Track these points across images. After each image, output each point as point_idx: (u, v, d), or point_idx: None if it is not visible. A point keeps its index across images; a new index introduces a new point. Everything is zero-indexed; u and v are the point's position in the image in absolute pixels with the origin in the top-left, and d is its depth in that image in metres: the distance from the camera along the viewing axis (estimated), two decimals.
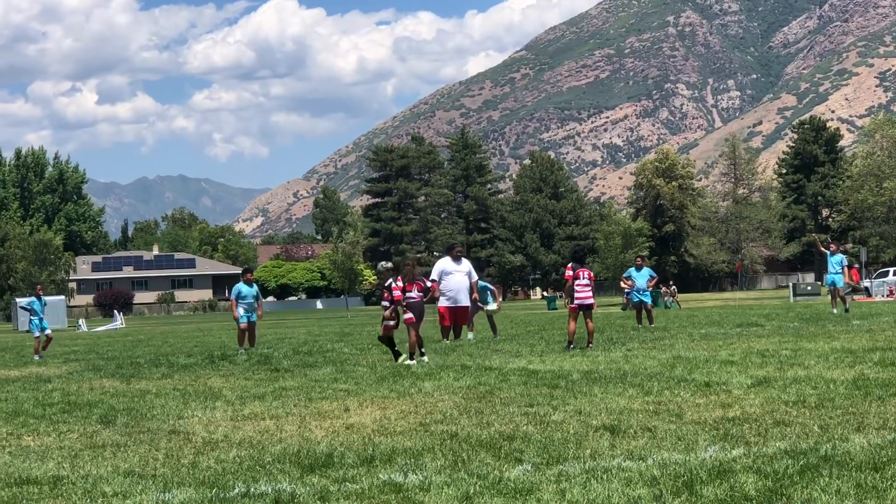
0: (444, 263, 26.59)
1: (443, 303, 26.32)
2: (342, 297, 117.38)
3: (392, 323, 22.21)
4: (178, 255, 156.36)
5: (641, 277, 35.35)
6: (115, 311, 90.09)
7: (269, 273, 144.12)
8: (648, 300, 35.47)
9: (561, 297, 29.91)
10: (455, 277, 26.17)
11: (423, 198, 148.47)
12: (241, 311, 28.06)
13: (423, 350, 21.58)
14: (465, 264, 26.78)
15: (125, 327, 70.17)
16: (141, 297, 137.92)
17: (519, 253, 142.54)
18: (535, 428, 11.71)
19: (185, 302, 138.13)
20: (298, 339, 34.22)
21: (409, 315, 21.71)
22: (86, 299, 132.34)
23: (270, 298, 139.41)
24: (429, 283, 23.08)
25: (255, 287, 28.97)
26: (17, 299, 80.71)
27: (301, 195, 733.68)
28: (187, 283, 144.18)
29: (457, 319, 26.82)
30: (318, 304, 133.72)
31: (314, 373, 20.06)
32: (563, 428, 11.62)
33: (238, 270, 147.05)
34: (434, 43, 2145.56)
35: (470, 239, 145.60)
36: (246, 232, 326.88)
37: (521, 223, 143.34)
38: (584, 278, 23.34)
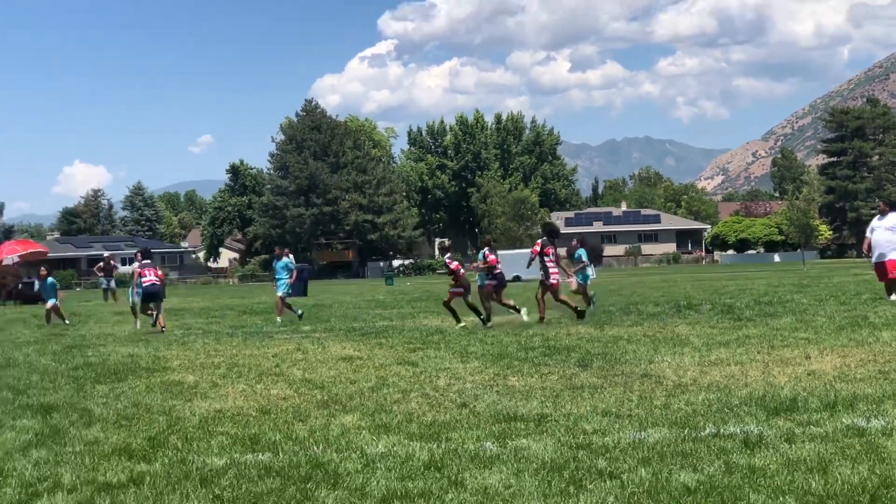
0: (873, 221, 25.33)
1: (873, 259, 25.04)
2: (798, 250, 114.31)
3: (459, 290, 23.29)
4: (644, 212, 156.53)
5: None
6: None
7: (728, 228, 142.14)
8: None
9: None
10: (876, 234, 24.73)
11: (877, 157, 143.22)
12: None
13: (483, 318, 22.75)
14: (891, 219, 24.89)
15: (597, 278, 71.18)
16: (610, 249, 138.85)
17: None
18: None
19: (651, 255, 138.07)
20: (759, 291, 33.65)
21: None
22: (559, 251, 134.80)
23: (730, 252, 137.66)
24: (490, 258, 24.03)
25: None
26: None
27: (759, 155, 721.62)
28: (653, 237, 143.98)
29: (879, 276, 25.22)
30: (776, 258, 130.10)
31: (775, 322, 19.70)
32: None
33: (699, 226, 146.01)
34: (890, 7, 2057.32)
35: None
36: (707, 190, 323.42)
37: None
38: (551, 255, 23.24)
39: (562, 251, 26.24)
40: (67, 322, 30.92)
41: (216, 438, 9.65)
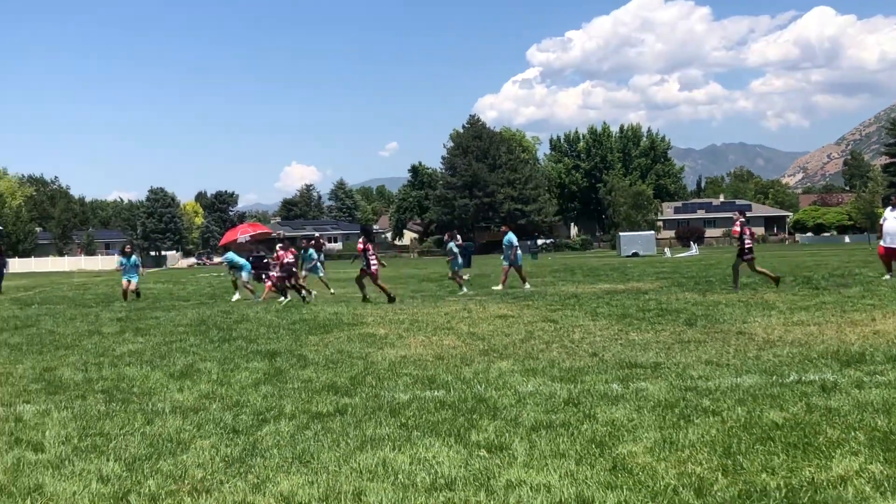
0: (886, 211, 24.03)
1: (883, 243, 23.62)
2: (865, 233, 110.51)
3: (279, 275, 24.65)
4: (738, 202, 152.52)
5: None
6: (692, 243, 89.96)
7: (807, 215, 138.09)
8: None
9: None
10: (888, 223, 23.11)
11: None
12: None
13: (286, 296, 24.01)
14: None
15: (699, 255, 69.95)
16: (710, 232, 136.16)
17: None
18: None
19: None
20: (832, 266, 32.60)
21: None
22: (669, 234, 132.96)
23: (808, 234, 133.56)
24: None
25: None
26: (620, 234, 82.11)
27: (833, 157, 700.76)
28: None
29: (885, 256, 23.30)
30: (846, 239, 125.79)
31: (846, 291, 19.09)
32: None
33: (783, 213, 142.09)
34: None
35: None
36: (790, 185, 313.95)
37: None
38: (373, 251, 22.31)
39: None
40: (138, 297, 27.50)
41: (402, 378, 9.77)
